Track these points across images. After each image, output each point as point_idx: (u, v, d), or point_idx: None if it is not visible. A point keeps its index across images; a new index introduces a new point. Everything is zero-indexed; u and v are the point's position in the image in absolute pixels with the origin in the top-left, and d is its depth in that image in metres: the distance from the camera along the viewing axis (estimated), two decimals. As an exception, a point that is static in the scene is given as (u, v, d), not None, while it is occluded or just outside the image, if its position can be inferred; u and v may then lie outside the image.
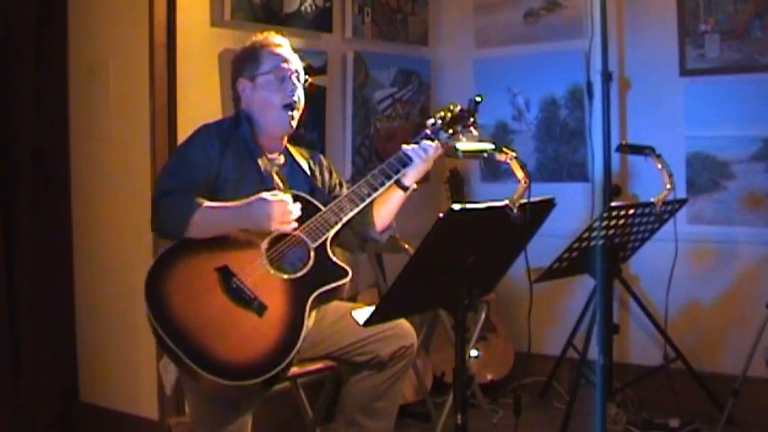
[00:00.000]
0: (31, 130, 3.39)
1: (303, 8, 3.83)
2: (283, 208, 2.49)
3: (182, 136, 3.28)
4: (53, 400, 3.49)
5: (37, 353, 3.40)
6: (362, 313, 2.64)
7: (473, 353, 3.88)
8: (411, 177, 2.70)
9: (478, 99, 2.69)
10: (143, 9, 3.28)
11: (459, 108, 2.70)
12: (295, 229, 2.55)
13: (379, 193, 2.65)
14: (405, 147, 2.70)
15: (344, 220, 2.61)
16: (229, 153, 2.60)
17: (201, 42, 3.46)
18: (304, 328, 2.45)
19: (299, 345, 2.43)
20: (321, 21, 3.94)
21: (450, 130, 2.69)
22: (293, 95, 2.68)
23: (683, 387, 3.76)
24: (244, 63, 2.72)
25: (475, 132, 2.70)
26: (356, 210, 2.62)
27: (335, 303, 2.66)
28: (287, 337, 2.42)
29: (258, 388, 2.37)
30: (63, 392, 3.54)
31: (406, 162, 2.67)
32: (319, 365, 2.75)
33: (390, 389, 2.74)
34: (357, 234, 2.78)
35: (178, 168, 2.57)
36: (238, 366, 2.33)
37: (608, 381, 3.46)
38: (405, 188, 2.72)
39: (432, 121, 2.73)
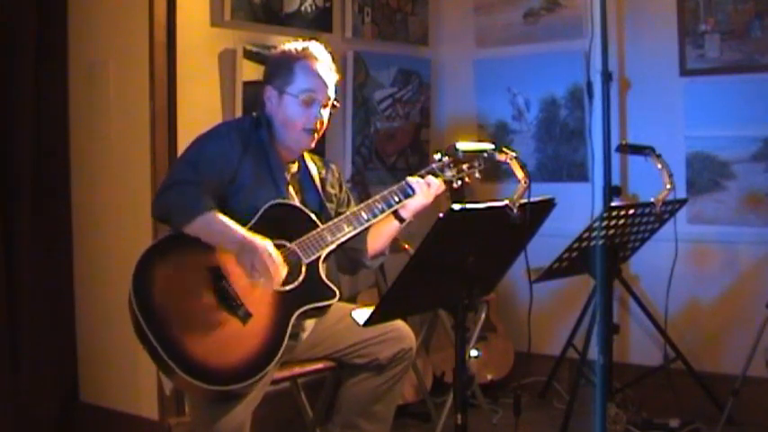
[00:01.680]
0: (31, 130, 3.39)
1: (303, 8, 3.83)
2: (271, 271, 2.40)
3: (182, 136, 3.30)
4: (53, 400, 3.49)
5: (37, 353, 3.40)
6: (362, 313, 2.64)
7: (473, 353, 3.88)
8: (410, 210, 2.70)
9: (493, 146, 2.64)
10: (143, 9, 3.28)
11: None
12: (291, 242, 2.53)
13: (377, 219, 2.65)
14: (409, 179, 2.69)
15: (341, 240, 2.60)
16: (248, 157, 2.57)
17: (201, 42, 3.46)
18: (284, 344, 2.43)
19: (276, 359, 2.41)
20: (321, 21, 3.94)
21: (456, 170, 2.72)
22: (316, 121, 2.63)
23: (683, 387, 3.75)
24: (276, 71, 2.65)
25: (478, 175, 2.75)
26: (353, 233, 2.61)
27: (336, 305, 2.66)
28: (267, 349, 2.40)
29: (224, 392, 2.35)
30: (63, 392, 3.54)
31: (408, 193, 2.67)
32: (319, 365, 2.76)
33: (388, 392, 2.73)
34: (349, 257, 2.77)
35: (197, 160, 2.52)
36: (212, 369, 2.30)
37: (608, 381, 3.46)
38: (401, 220, 2.72)
39: (438, 156, 2.74)
